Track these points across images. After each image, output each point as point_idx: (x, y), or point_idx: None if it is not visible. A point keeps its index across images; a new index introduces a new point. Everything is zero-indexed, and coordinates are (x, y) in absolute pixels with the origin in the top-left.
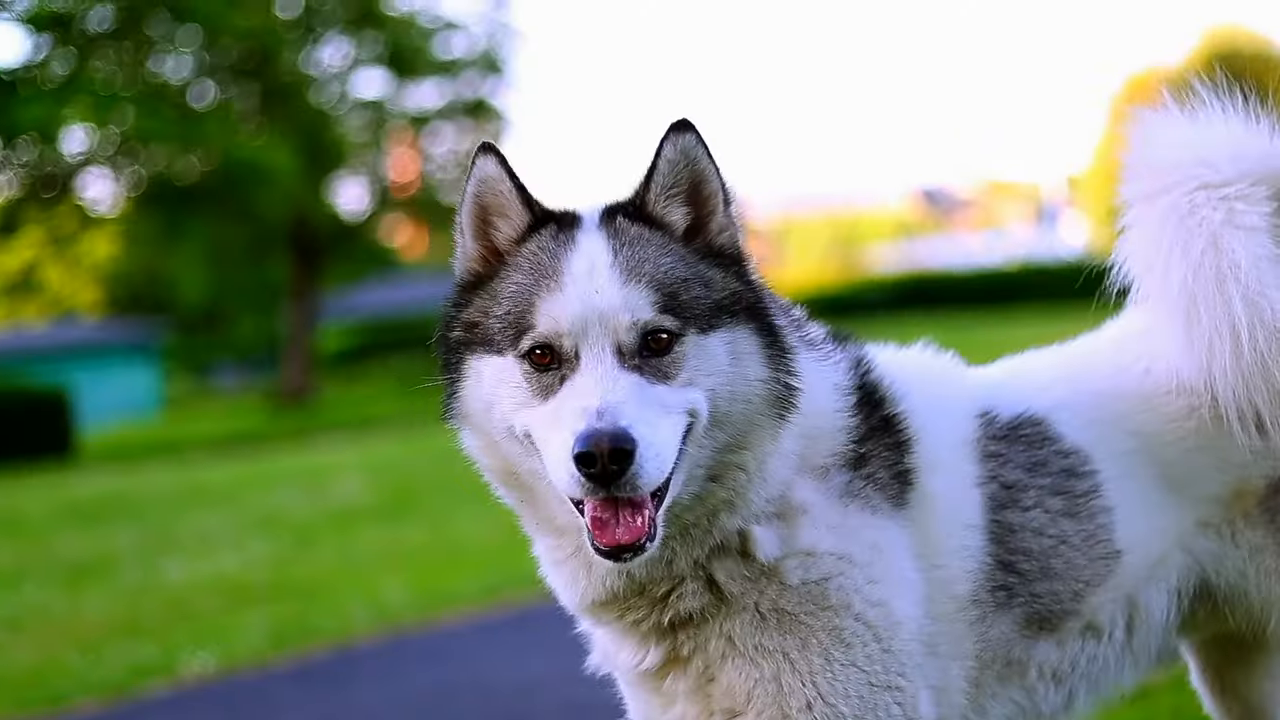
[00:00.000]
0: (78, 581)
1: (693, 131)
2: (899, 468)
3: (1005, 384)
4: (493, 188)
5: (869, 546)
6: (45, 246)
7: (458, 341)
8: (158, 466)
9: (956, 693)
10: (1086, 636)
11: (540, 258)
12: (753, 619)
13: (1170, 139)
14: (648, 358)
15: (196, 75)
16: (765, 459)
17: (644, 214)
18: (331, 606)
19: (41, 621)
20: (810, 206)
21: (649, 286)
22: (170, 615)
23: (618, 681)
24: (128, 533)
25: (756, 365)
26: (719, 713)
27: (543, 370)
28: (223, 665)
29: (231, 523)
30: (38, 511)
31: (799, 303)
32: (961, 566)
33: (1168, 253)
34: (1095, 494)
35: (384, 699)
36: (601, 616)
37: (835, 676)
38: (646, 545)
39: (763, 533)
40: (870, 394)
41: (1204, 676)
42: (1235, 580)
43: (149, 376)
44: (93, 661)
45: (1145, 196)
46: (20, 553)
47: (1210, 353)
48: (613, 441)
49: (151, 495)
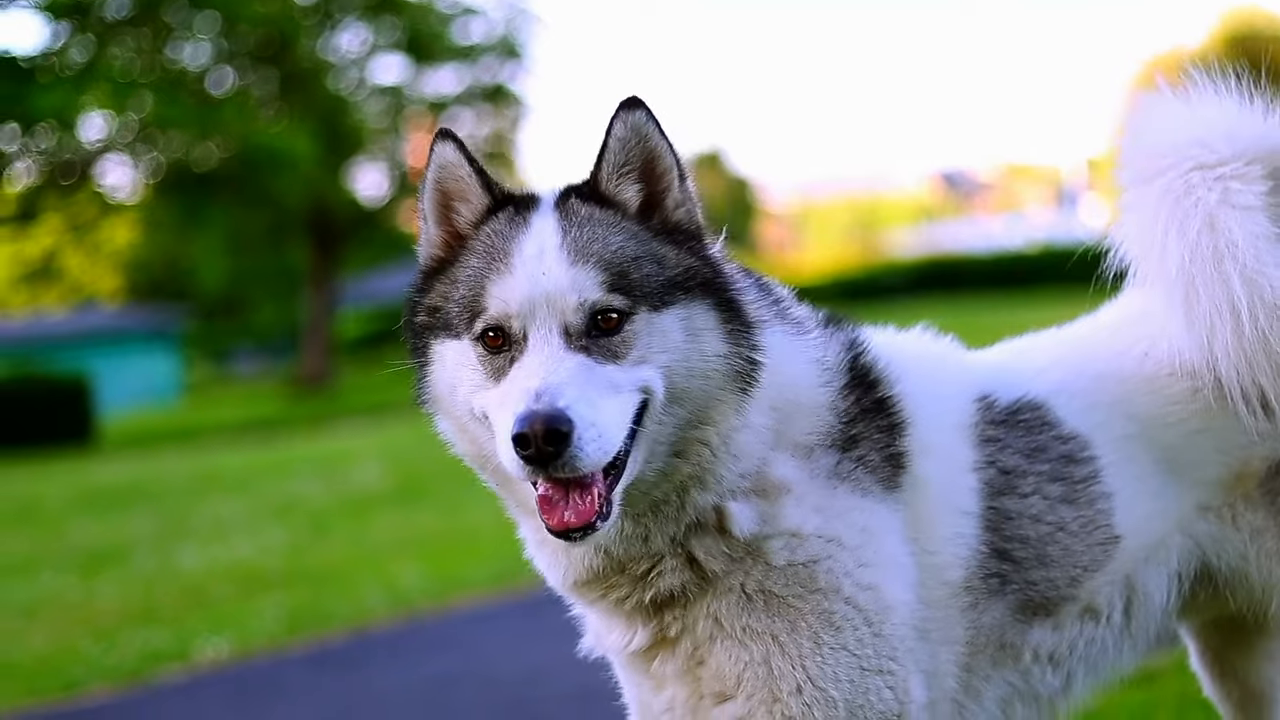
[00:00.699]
0: (93, 568)
1: (642, 108)
2: (891, 451)
3: (1004, 368)
4: (452, 173)
5: (859, 529)
6: (65, 234)
7: (422, 326)
8: (176, 453)
9: (947, 676)
10: (1084, 619)
11: (494, 241)
12: (739, 600)
13: (1165, 121)
14: (597, 337)
15: (215, 62)
16: (731, 434)
17: (597, 194)
18: (346, 592)
19: (56, 608)
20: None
21: (597, 266)
22: (185, 602)
23: (613, 665)
24: (144, 520)
25: (715, 341)
26: (709, 696)
27: (495, 352)
28: (237, 651)
29: (248, 509)
30: (55, 499)
31: (814, 285)
32: (955, 553)
33: (1164, 234)
34: (1094, 480)
35: (396, 684)
36: (586, 595)
37: (825, 660)
38: (597, 525)
39: (739, 508)
40: (864, 376)
41: (1204, 660)
42: (1236, 563)
43: (169, 363)
44: (106, 648)
45: (1141, 178)
46: (37, 540)
47: (1211, 332)
48: (547, 423)
49: (168, 482)
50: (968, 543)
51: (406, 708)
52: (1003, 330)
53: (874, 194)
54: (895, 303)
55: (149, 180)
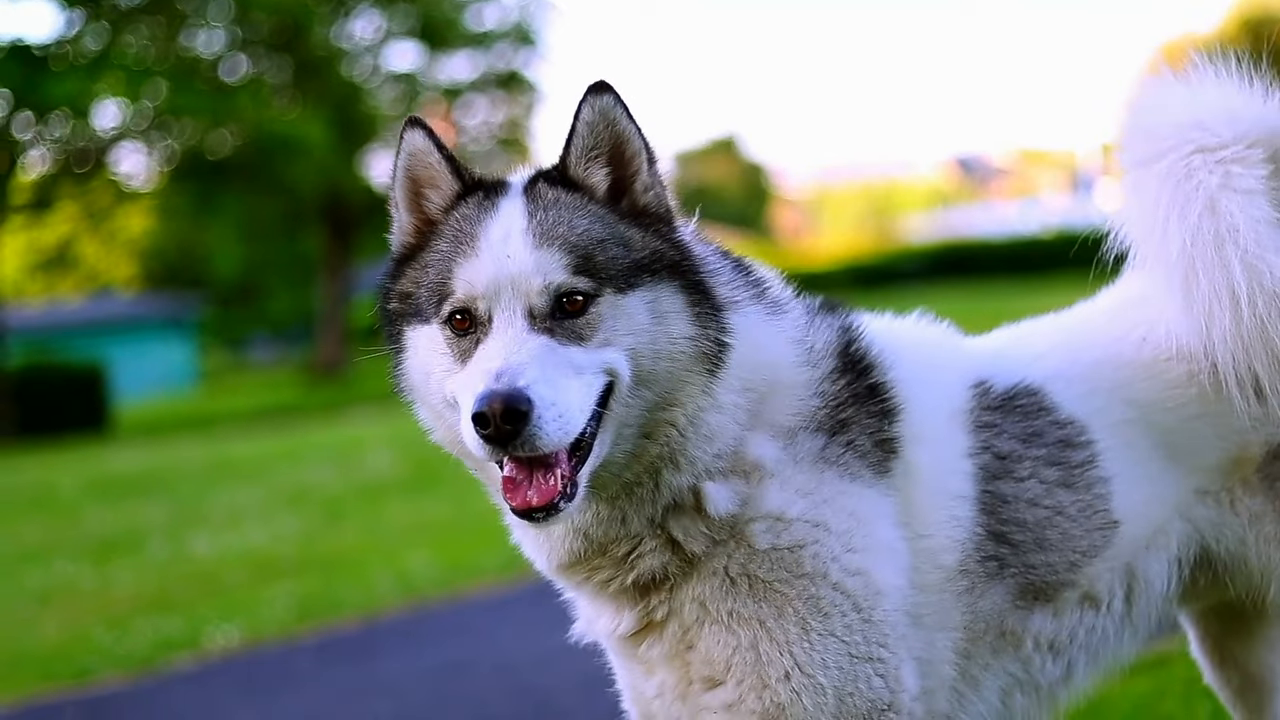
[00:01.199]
0: (107, 556)
1: (610, 93)
2: (882, 436)
3: (1002, 354)
4: (422, 160)
5: (847, 514)
6: (81, 222)
7: (395, 313)
8: (191, 441)
9: (943, 664)
10: (1084, 607)
11: (463, 225)
12: (723, 583)
13: (1166, 104)
14: (561, 320)
15: (228, 49)
16: (699, 414)
17: (565, 178)
18: (357, 580)
19: (70, 596)
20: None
21: (562, 249)
22: (197, 589)
23: (607, 652)
24: (158, 508)
25: (681, 323)
26: (698, 681)
27: (462, 335)
28: (247, 638)
29: (261, 497)
30: (70, 486)
31: (829, 271)
32: (949, 536)
33: (1165, 217)
34: (1092, 464)
35: (404, 671)
36: (571, 578)
37: (814, 646)
38: (561, 505)
39: (715, 489)
40: (857, 362)
41: (1203, 646)
42: (1235, 548)
43: (185, 351)
44: (119, 635)
45: (1142, 161)
46: (51, 528)
47: (1209, 317)
48: (505, 402)
49: (183, 470)
50: (963, 526)
51: (415, 695)
52: (1018, 316)
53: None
54: (910, 288)
55: (163, 168)
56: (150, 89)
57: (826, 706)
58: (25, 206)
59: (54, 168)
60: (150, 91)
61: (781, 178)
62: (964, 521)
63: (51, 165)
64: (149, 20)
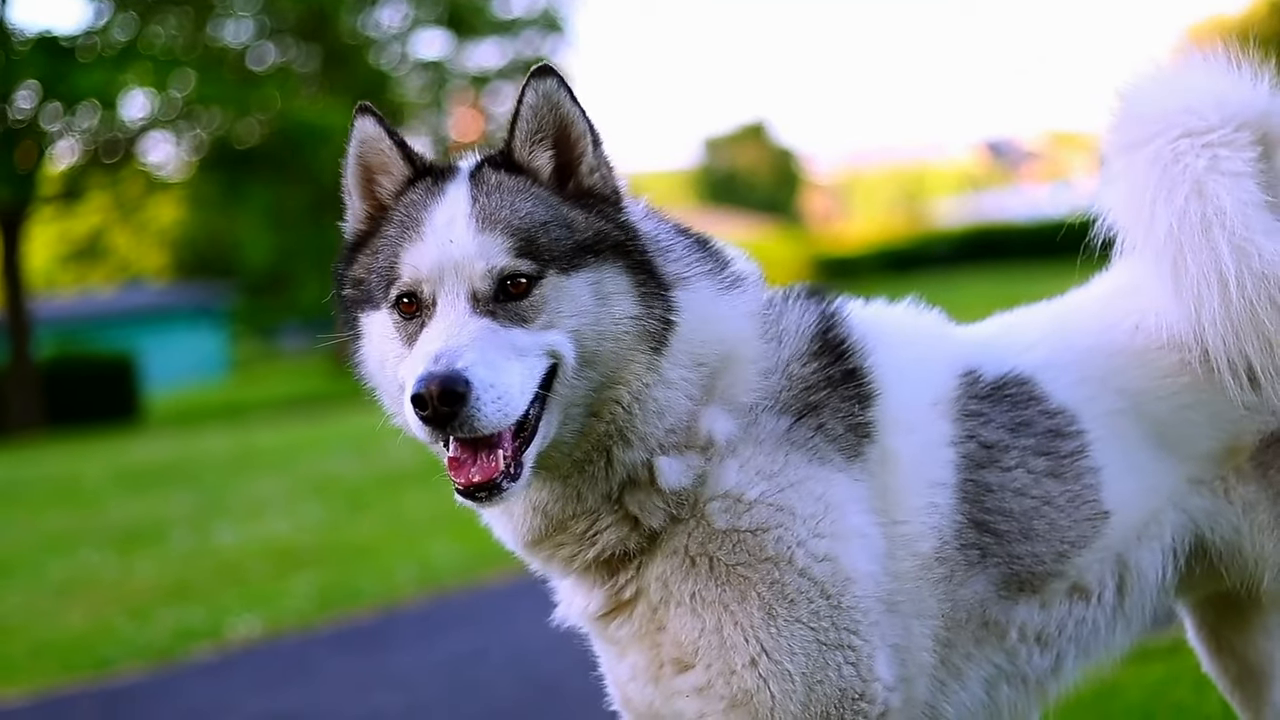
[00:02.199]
0: (130, 546)
1: (554, 76)
2: (855, 421)
3: (993, 342)
4: (373, 146)
5: (814, 499)
6: (111, 212)
7: (350, 300)
8: (219, 431)
9: (921, 651)
10: (1074, 598)
11: (410, 210)
12: (683, 563)
13: (1155, 90)
14: (504, 302)
15: (256, 39)
16: (644, 390)
17: (510, 161)
18: (378, 569)
19: (92, 586)
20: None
21: (504, 233)
22: (219, 579)
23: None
24: (182, 498)
25: (625, 303)
26: (669, 663)
27: (408, 319)
28: (268, 628)
29: (285, 487)
30: (96, 477)
31: (859, 256)
32: (926, 524)
33: (1152, 202)
34: (1082, 454)
35: (419, 660)
36: (538, 555)
37: (780, 632)
38: (504, 484)
39: (667, 462)
40: (835, 346)
41: (1200, 635)
42: (1229, 537)
43: (216, 340)
44: (140, 626)
45: (1128, 146)
46: (76, 518)
47: (1198, 301)
48: (442, 384)
49: (209, 460)
50: (942, 513)
51: (426, 686)
52: (1048, 299)
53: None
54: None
55: (192, 157)
56: (178, 79)
57: (795, 694)
58: (55, 197)
59: (83, 159)
60: (178, 81)
61: (811, 163)
62: (943, 509)
63: (80, 156)
64: (177, 11)
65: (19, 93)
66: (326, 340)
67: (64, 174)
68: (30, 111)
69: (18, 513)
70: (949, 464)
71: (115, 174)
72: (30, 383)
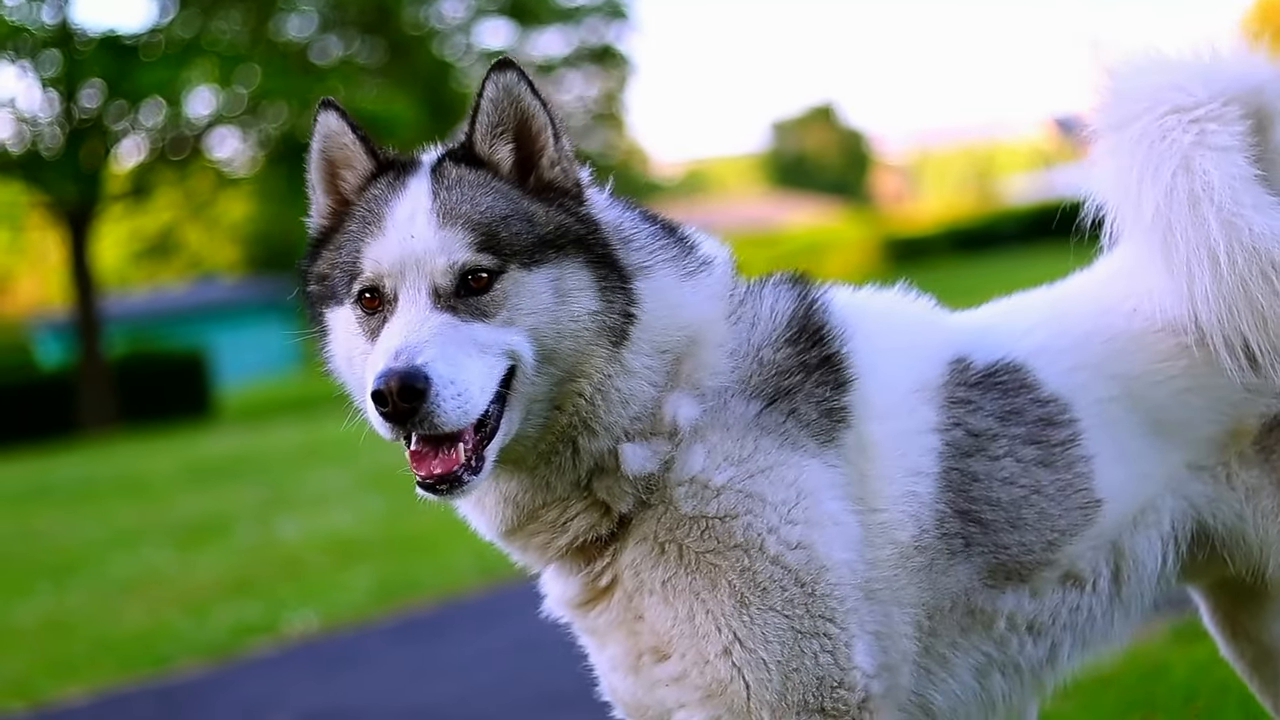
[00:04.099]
0: (194, 541)
1: (514, 69)
2: (829, 406)
3: (987, 329)
4: (336, 141)
5: (786, 485)
6: (182, 208)
7: (315, 296)
8: (288, 424)
9: (903, 639)
10: (1066, 587)
11: (372, 205)
12: (652, 549)
13: (1144, 67)
14: (465, 297)
15: (320, 32)
16: (606, 382)
17: (472, 155)
18: (437, 560)
19: (154, 583)
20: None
21: (465, 228)
22: (279, 573)
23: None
24: (249, 491)
25: (585, 298)
26: (648, 653)
27: (371, 314)
28: (325, 622)
29: (349, 479)
30: (165, 473)
31: (929, 235)
32: (905, 511)
33: (1139, 179)
34: (1073, 442)
35: (475, 650)
36: (514, 544)
37: (754, 620)
38: (465, 477)
39: (631, 449)
40: (812, 331)
41: (1214, 620)
42: (1232, 523)
43: (287, 334)
44: (199, 622)
45: (1116, 124)
46: (142, 514)
47: (1190, 279)
48: (402, 380)
49: (276, 454)
50: (922, 501)
51: (479, 675)
52: None
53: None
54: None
55: (259, 152)
56: (242, 75)
57: (770, 683)
58: (123, 196)
59: (150, 156)
60: (242, 77)
61: (881, 143)
62: (923, 497)
63: (147, 154)
64: (240, 7)
65: (83, 91)
66: (299, 336)
67: (132, 172)
68: (95, 110)
69: (88, 510)
70: (931, 452)
71: (183, 171)
72: (102, 381)
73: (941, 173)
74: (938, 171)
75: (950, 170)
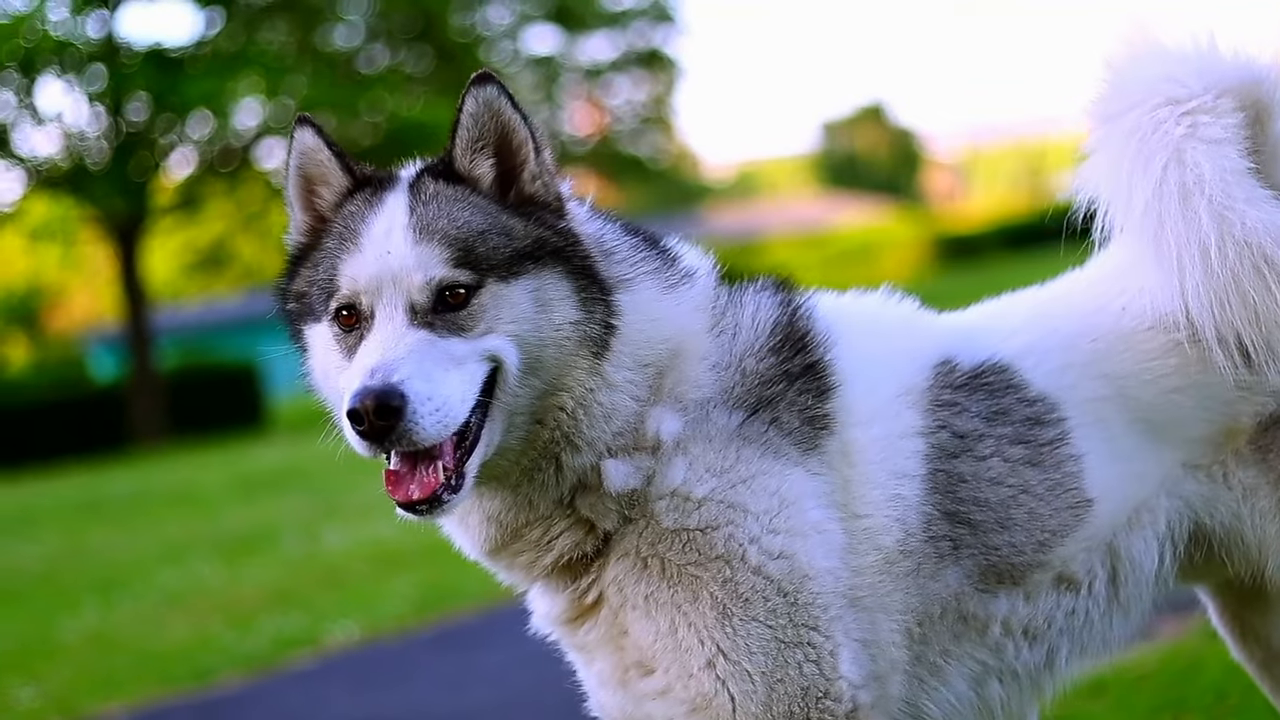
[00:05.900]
0: (240, 553)
1: (494, 84)
2: (812, 414)
3: (976, 330)
4: (312, 158)
5: (768, 494)
6: (234, 220)
7: (293, 314)
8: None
9: (891, 647)
10: (1060, 589)
11: (349, 221)
12: (634, 564)
13: (1139, 60)
14: (443, 312)
15: (366, 42)
16: (588, 395)
17: (451, 171)
18: (478, 570)
19: (198, 595)
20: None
21: (441, 243)
22: (322, 585)
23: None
24: (295, 503)
25: (566, 309)
26: (634, 667)
27: (348, 331)
28: (366, 633)
29: None
30: (214, 485)
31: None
32: (890, 516)
33: (1130, 172)
34: (1062, 442)
35: (513, 659)
36: (499, 563)
37: (736, 632)
38: (445, 497)
39: (613, 465)
40: (795, 339)
41: (1223, 620)
42: (1229, 523)
43: None
44: (241, 635)
45: (1109, 117)
46: (191, 527)
47: (1181, 273)
48: (378, 398)
49: (324, 465)
50: (907, 505)
51: (516, 682)
52: None
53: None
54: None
55: None
56: (289, 85)
57: (755, 695)
58: (173, 208)
59: (199, 168)
60: (289, 88)
61: (932, 141)
62: (909, 501)
63: (196, 166)
64: (286, 17)
65: (130, 105)
66: (277, 351)
67: (181, 184)
68: (142, 124)
69: (138, 523)
70: (916, 455)
71: (233, 182)
72: (154, 393)
73: (993, 170)
74: (989, 169)
75: (1002, 168)
